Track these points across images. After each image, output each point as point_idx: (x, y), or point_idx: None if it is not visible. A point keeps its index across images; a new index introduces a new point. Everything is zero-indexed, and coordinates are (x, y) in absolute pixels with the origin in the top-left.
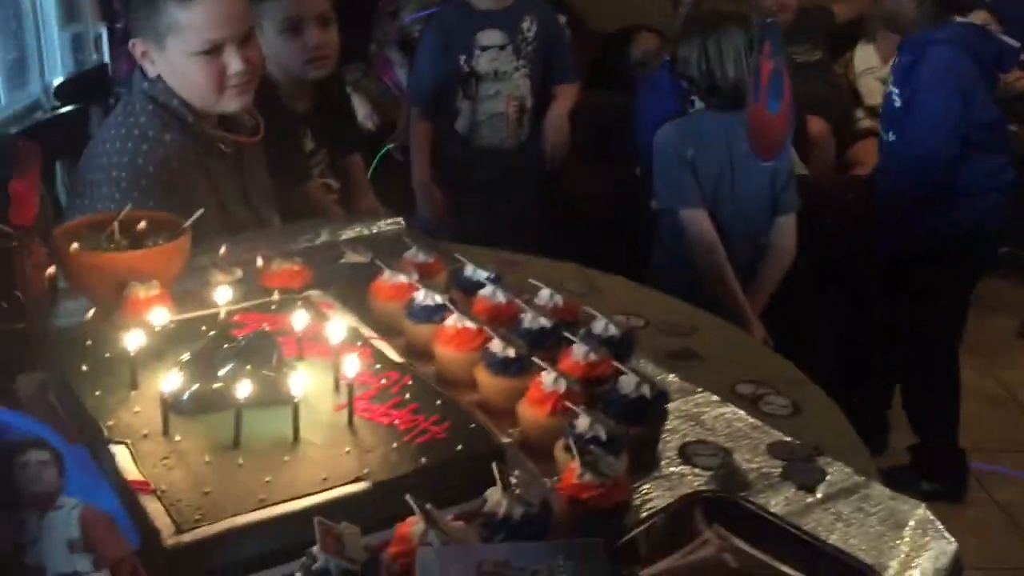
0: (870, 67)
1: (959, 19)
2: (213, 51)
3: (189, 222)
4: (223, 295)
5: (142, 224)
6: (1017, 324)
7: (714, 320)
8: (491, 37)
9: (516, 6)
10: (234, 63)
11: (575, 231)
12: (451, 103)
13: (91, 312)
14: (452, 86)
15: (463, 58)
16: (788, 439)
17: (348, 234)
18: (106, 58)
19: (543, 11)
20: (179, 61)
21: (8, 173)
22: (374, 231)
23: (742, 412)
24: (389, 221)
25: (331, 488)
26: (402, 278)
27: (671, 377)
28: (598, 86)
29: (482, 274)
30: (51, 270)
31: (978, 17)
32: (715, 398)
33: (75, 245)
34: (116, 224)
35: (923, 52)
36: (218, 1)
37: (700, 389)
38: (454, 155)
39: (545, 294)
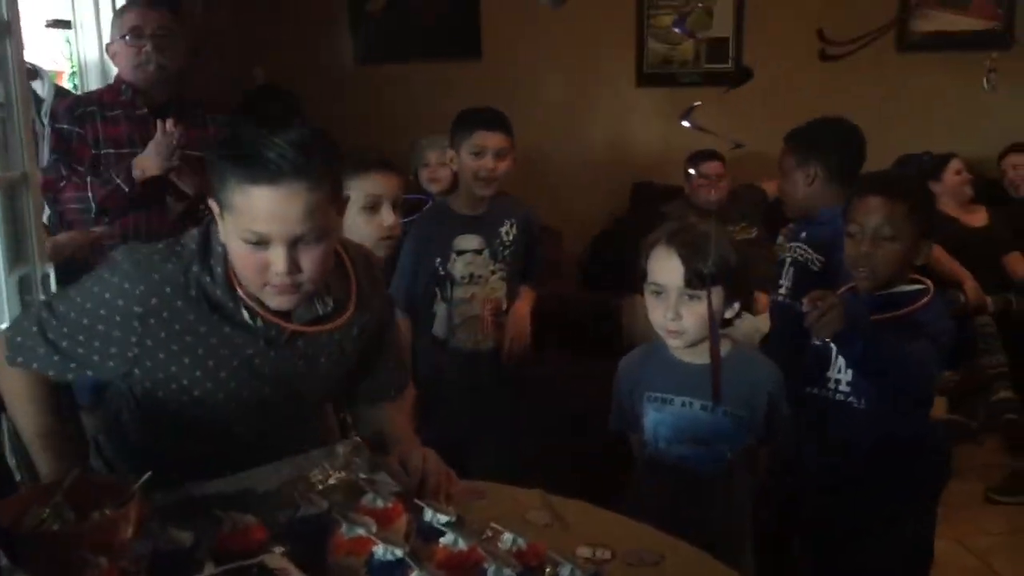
0: None
1: None
2: (259, 243)
3: (137, 484)
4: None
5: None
6: (982, 488)
7: (683, 546)
8: (468, 242)
9: (496, 210)
10: (278, 263)
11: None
12: (429, 306)
13: None
14: (430, 289)
15: (439, 261)
16: None
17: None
18: None
19: (523, 215)
20: (232, 237)
21: None
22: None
23: None
24: (347, 443)
25: None
26: (360, 531)
27: None
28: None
29: (442, 518)
30: None
31: None
32: None
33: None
34: (61, 495)
35: None
36: (272, 198)
37: None
38: (431, 357)
39: (508, 538)
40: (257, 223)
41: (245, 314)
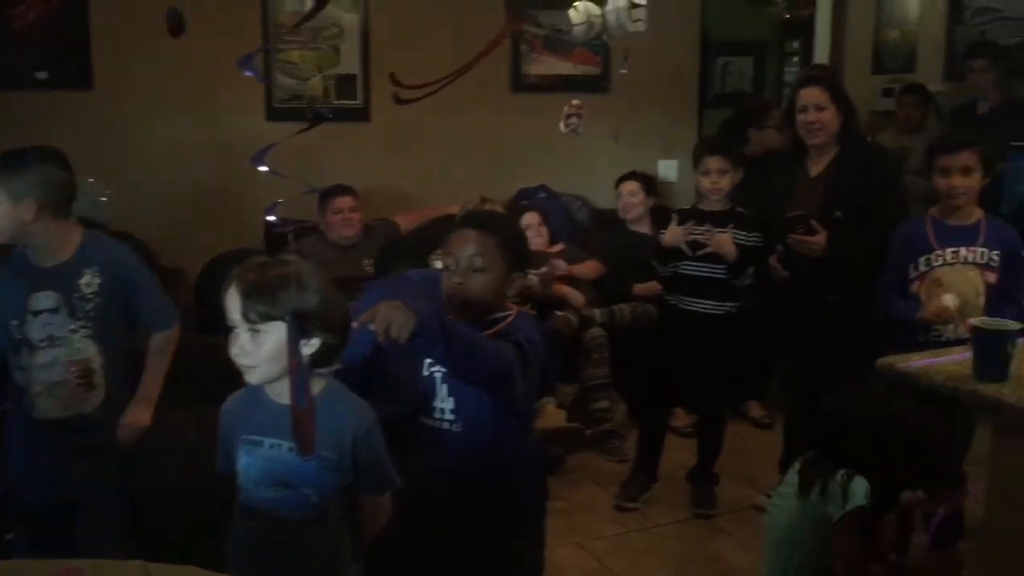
0: None
1: None
2: None
3: None
4: None
5: None
6: (600, 492)
7: None
8: (44, 300)
9: (76, 259)
10: None
11: None
12: (11, 375)
13: None
14: (5, 356)
15: (15, 324)
16: None
17: None
18: None
19: (111, 259)
20: None
21: None
22: None
23: None
24: None
25: None
26: None
27: None
28: None
29: None
30: None
31: None
32: None
33: None
34: None
35: None
36: None
37: None
38: (19, 429)
39: None
40: None
41: None
